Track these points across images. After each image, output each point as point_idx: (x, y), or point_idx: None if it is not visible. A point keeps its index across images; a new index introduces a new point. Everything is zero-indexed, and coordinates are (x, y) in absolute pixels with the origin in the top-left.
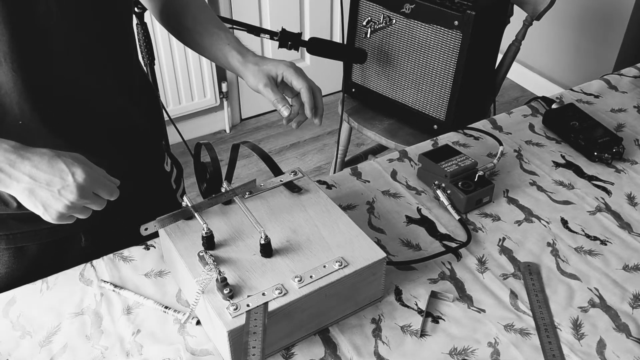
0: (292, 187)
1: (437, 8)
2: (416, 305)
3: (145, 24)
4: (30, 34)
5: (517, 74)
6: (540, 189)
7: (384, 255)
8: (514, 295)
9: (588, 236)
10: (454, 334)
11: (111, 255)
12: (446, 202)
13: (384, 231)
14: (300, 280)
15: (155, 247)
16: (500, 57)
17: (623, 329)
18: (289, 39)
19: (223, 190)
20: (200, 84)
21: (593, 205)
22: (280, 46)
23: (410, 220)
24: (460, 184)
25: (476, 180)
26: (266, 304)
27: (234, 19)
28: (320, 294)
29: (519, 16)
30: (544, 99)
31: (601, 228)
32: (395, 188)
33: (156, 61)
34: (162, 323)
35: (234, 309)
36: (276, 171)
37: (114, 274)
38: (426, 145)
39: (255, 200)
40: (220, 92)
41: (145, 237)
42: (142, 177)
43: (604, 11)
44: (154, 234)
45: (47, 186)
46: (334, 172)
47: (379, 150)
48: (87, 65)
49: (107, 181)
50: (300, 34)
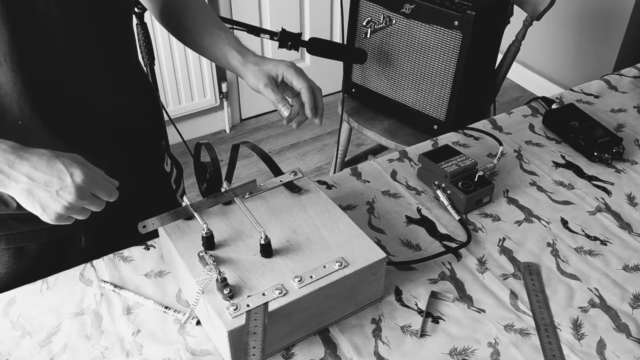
0: (292, 187)
1: (437, 8)
2: (416, 305)
3: (145, 24)
4: (30, 34)
5: (517, 74)
6: (540, 189)
7: (384, 255)
8: (514, 295)
9: (588, 236)
10: (454, 334)
11: (111, 256)
12: (446, 202)
13: (384, 231)
14: (300, 281)
15: (155, 247)
16: (500, 57)
17: (623, 329)
18: (289, 39)
19: (223, 190)
20: (200, 84)
21: (593, 205)
22: (280, 46)
23: (410, 221)
24: (460, 184)
25: (476, 180)
26: (266, 304)
27: (234, 19)
28: (320, 294)
29: (519, 16)
30: (544, 99)
31: (601, 228)
32: (395, 188)
33: (156, 61)
34: (162, 323)
35: (234, 309)
36: (276, 171)
37: (114, 274)
38: (426, 146)
39: (255, 201)
40: (220, 92)
41: (145, 237)
42: (142, 178)
43: (604, 11)
44: (153, 233)
45: (45, 187)
46: (334, 172)
47: (379, 150)
48: (87, 65)
49: (105, 182)
50: (300, 34)
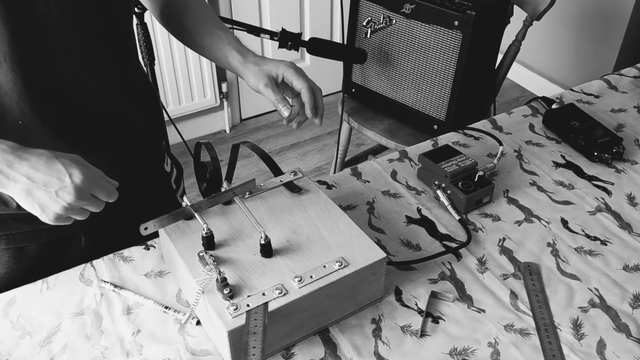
0: (292, 187)
1: (437, 8)
2: (416, 305)
3: (145, 24)
4: (30, 34)
5: (517, 74)
6: (540, 189)
7: (384, 255)
8: (514, 295)
9: (588, 236)
10: (454, 334)
11: (111, 256)
12: (446, 202)
13: (384, 231)
14: (300, 280)
15: (155, 247)
16: (500, 57)
17: (623, 329)
18: (289, 39)
19: (223, 190)
20: (200, 84)
21: (593, 205)
22: (280, 46)
23: (410, 221)
24: (460, 184)
25: (476, 180)
26: (266, 304)
27: (234, 19)
28: (320, 294)
29: (519, 16)
30: (544, 99)
31: (601, 228)
32: (395, 188)
33: (156, 61)
34: (162, 323)
35: (234, 309)
36: (276, 171)
37: (114, 274)
38: (426, 146)
39: (255, 200)
40: (220, 92)
41: (145, 237)
42: (142, 178)
43: (604, 11)
44: (154, 234)
45: (44, 187)
46: (334, 172)
47: (379, 150)
48: (87, 65)
49: (105, 182)
50: (300, 34)
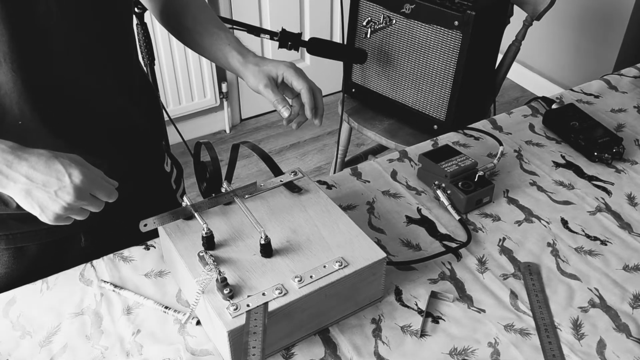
0: (292, 187)
1: (437, 8)
2: (416, 305)
3: (145, 24)
4: (30, 34)
5: (517, 74)
6: (540, 189)
7: (384, 255)
8: (514, 295)
9: (588, 236)
10: (454, 334)
11: (111, 256)
12: (446, 202)
13: (384, 231)
14: (300, 280)
15: (155, 247)
16: (500, 57)
17: (623, 329)
18: (289, 39)
19: (223, 190)
20: (200, 84)
21: (593, 205)
22: (280, 46)
23: (410, 221)
24: (460, 184)
25: (476, 180)
26: (266, 304)
27: (234, 19)
28: (320, 294)
29: (519, 16)
30: (544, 99)
31: (601, 228)
32: (395, 188)
33: (156, 61)
34: (162, 323)
35: (234, 309)
36: (276, 171)
37: (114, 274)
38: (426, 146)
39: (255, 201)
40: (220, 92)
41: (145, 237)
42: (142, 178)
43: (604, 11)
44: (153, 233)
45: (43, 187)
46: (334, 172)
47: (379, 150)
48: (87, 65)
49: (104, 182)
50: (300, 34)
